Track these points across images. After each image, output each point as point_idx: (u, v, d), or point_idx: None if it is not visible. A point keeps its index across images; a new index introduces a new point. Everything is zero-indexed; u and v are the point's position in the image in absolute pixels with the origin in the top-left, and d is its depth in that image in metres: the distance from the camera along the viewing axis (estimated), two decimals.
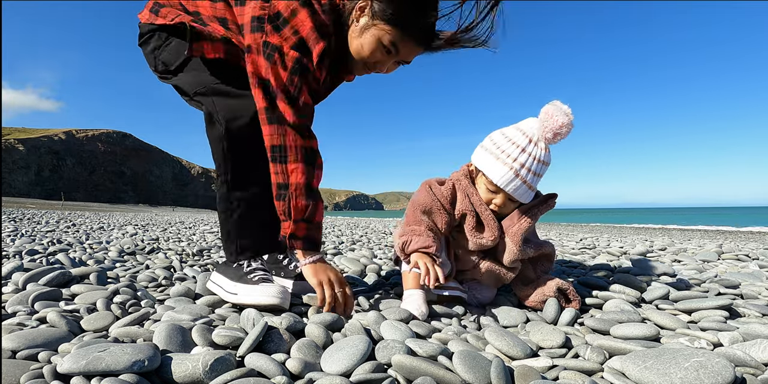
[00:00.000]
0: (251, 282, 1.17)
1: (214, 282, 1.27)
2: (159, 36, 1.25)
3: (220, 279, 1.25)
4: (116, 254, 2.21)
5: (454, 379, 0.75)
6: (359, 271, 1.85)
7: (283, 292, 1.15)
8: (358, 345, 0.83)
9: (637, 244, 3.68)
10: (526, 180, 1.16)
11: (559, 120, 1.09)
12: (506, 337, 0.90)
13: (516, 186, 1.16)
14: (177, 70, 1.25)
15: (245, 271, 1.21)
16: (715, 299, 1.18)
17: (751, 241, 7.15)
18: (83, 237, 3.45)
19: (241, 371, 0.73)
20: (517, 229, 1.21)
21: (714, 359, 0.74)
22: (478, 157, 1.23)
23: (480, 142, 1.26)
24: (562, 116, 1.09)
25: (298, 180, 1.12)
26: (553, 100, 1.12)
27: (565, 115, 1.10)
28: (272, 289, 1.13)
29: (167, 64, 1.25)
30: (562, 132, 1.12)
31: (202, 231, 4.71)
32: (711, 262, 2.41)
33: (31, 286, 1.28)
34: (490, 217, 1.23)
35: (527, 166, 1.14)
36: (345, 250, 2.79)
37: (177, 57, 1.22)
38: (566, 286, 1.24)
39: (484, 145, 1.23)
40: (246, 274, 1.20)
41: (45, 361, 0.77)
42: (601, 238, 4.75)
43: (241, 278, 1.19)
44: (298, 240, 1.15)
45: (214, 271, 1.30)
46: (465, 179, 1.26)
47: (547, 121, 1.11)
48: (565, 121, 1.10)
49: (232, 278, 1.21)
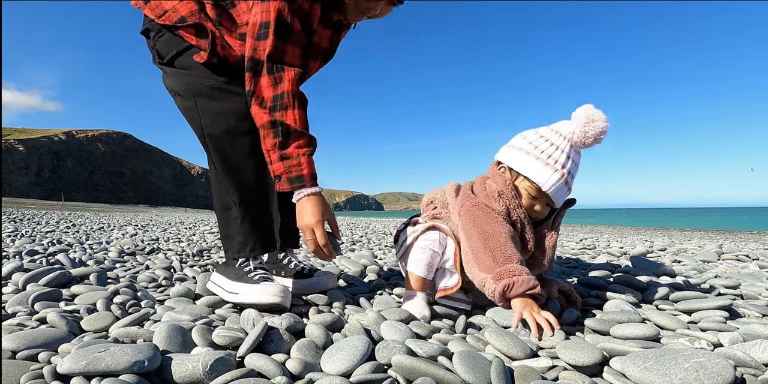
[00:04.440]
0: (252, 281, 1.17)
1: (214, 282, 1.27)
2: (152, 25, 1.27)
3: (220, 279, 1.25)
4: (116, 255, 2.21)
5: (454, 379, 0.75)
6: (359, 272, 1.85)
7: (284, 291, 1.14)
8: (358, 345, 0.83)
9: (637, 244, 3.68)
10: (570, 185, 1.14)
11: (600, 125, 1.07)
12: (506, 337, 0.90)
13: (563, 192, 1.13)
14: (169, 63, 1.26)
15: (245, 271, 1.21)
16: (715, 300, 1.18)
17: (751, 241, 7.15)
18: (83, 237, 3.45)
19: (241, 372, 0.73)
20: (549, 242, 1.19)
21: (714, 360, 0.74)
22: (517, 160, 1.15)
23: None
24: (603, 122, 1.07)
25: (296, 116, 1.11)
26: (588, 104, 1.10)
27: (604, 120, 1.07)
28: (273, 288, 1.13)
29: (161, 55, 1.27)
30: (601, 138, 1.10)
31: (202, 231, 4.71)
32: (711, 262, 2.41)
33: (31, 287, 1.28)
34: (530, 227, 1.16)
35: (572, 172, 1.12)
36: (345, 251, 2.79)
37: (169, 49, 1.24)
38: (566, 287, 1.24)
39: (522, 147, 1.16)
40: (246, 273, 1.20)
41: (45, 362, 0.77)
42: (601, 239, 4.75)
43: (241, 278, 1.19)
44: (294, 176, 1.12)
45: (215, 271, 1.30)
46: (508, 189, 1.15)
47: (589, 126, 1.08)
48: (605, 127, 1.08)
49: (231, 278, 1.21)
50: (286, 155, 1.10)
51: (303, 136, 1.12)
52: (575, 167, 1.14)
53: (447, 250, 1.21)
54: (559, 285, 1.24)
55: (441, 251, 1.21)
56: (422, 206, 1.37)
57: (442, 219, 1.26)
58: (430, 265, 1.20)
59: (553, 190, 1.12)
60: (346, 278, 1.68)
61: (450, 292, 1.19)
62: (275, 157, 1.11)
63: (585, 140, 1.10)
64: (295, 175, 1.11)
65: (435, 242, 1.21)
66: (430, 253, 1.20)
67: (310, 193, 1.12)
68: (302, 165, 1.11)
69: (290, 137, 1.10)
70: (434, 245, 1.20)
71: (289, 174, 1.11)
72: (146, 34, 1.30)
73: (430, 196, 1.36)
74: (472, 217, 1.14)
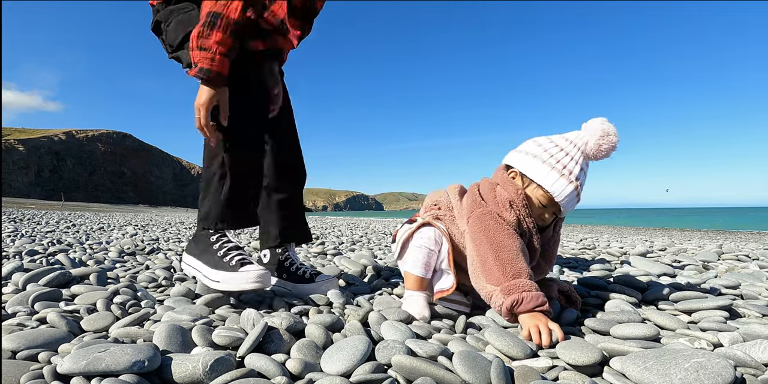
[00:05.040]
0: (230, 268, 1.22)
1: (190, 266, 1.31)
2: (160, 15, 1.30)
3: (198, 265, 1.29)
4: (116, 255, 2.21)
5: (454, 379, 0.75)
6: (359, 272, 1.85)
7: (263, 275, 1.20)
8: (358, 345, 0.83)
9: (637, 244, 3.68)
10: (581, 197, 1.14)
11: (614, 140, 1.08)
12: (506, 337, 0.90)
13: (573, 203, 1.14)
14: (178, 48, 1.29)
15: (220, 254, 1.25)
16: (715, 300, 1.18)
17: (751, 241, 7.15)
18: (83, 237, 3.45)
19: (241, 372, 0.73)
20: (553, 248, 1.20)
21: (714, 360, 0.74)
22: (531, 168, 1.13)
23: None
24: (615, 137, 1.08)
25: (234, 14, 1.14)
26: (601, 118, 1.10)
27: (616, 135, 1.08)
28: (252, 274, 1.19)
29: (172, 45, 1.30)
30: (611, 154, 1.11)
31: None
32: (711, 262, 2.41)
33: (31, 287, 1.28)
34: (537, 237, 1.16)
35: (583, 183, 1.13)
36: (345, 251, 2.79)
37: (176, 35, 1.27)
38: (566, 287, 1.24)
39: (537, 154, 1.14)
40: (222, 257, 1.25)
41: (45, 362, 0.77)
42: (601, 239, 4.75)
43: (218, 264, 1.24)
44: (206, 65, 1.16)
45: (186, 253, 1.35)
46: (519, 198, 1.13)
47: (603, 140, 1.08)
48: (617, 141, 1.08)
49: (209, 263, 1.26)
50: (204, 47, 1.14)
51: (229, 36, 1.15)
52: (585, 178, 1.14)
53: (442, 249, 1.21)
54: (559, 285, 1.24)
55: (437, 249, 1.21)
56: (425, 208, 1.35)
57: (443, 221, 1.25)
58: (428, 264, 1.20)
59: (566, 201, 1.12)
60: (345, 278, 1.68)
61: (447, 293, 1.18)
62: (195, 44, 1.15)
63: (597, 153, 1.10)
64: (206, 67, 1.15)
65: (431, 240, 1.20)
66: (427, 252, 1.20)
67: (207, 81, 1.17)
68: (215, 61, 1.15)
69: (215, 30, 1.14)
70: (430, 243, 1.20)
71: (202, 63, 1.15)
72: (157, 30, 1.34)
73: (433, 198, 1.33)
74: (483, 225, 1.11)
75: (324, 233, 4.76)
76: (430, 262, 1.20)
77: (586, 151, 1.11)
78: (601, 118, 1.10)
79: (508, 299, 1.00)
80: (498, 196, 1.16)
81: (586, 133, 1.11)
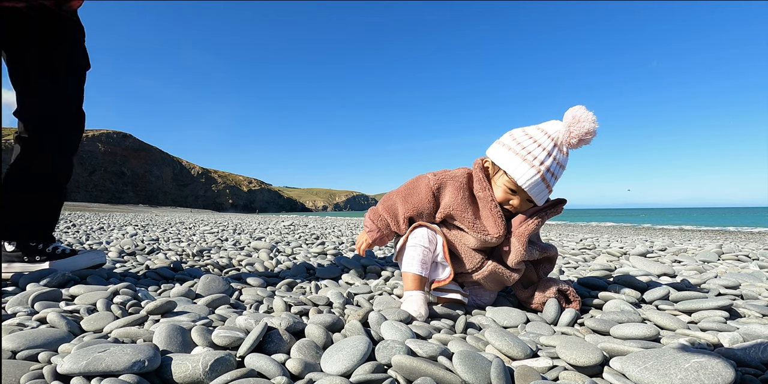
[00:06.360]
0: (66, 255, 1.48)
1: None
2: None
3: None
4: (116, 255, 2.21)
5: (454, 379, 0.75)
6: (359, 272, 1.85)
7: (99, 252, 1.58)
8: (358, 345, 0.83)
9: (637, 244, 3.68)
10: (549, 183, 1.15)
11: (586, 126, 1.07)
12: (506, 337, 0.90)
13: (540, 189, 1.15)
14: None
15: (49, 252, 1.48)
16: (715, 300, 1.18)
17: (751, 241, 7.15)
18: (83, 237, 3.45)
19: (241, 372, 0.73)
20: (524, 230, 1.19)
21: (714, 360, 0.74)
22: (499, 155, 1.18)
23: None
24: (589, 123, 1.07)
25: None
26: (578, 105, 1.10)
27: (592, 121, 1.08)
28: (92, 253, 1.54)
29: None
30: (587, 139, 1.10)
31: (202, 231, 4.71)
32: (711, 262, 2.41)
33: (31, 287, 1.28)
34: (498, 214, 1.20)
35: (552, 169, 1.13)
36: (345, 251, 2.79)
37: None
38: (566, 287, 1.24)
39: (506, 143, 1.18)
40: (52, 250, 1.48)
41: (45, 362, 0.77)
42: (601, 239, 4.75)
43: (57, 256, 1.46)
44: None
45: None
46: (480, 173, 1.22)
47: (574, 126, 1.08)
48: (592, 128, 1.08)
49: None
50: None
51: None
52: (558, 167, 1.14)
53: (437, 247, 1.25)
54: (558, 285, 1.25)
55: (432, 247, 1.24)
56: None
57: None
58: (423, 261, 1.23)
59: (529, 186, 1.13)
60: (345, 278, 1.68)
61: (443, 283, 1.24)
62: None
63: (570, 140, 1.10)
64: None
65: (424, 238, 1.24)
66: (421, 250, 1.23)
67: None
68: None
69: None
70: (423, 241, 1.23)
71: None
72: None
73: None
74: (417, 178, 1.30)
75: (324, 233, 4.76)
76: (425, 260, 1.23)
77: (559, 139, 1.12)
78: (577, 106, 1.10)
79: (369, 222, 1.35)
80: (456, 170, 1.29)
81: (563, 121, 1.12)
